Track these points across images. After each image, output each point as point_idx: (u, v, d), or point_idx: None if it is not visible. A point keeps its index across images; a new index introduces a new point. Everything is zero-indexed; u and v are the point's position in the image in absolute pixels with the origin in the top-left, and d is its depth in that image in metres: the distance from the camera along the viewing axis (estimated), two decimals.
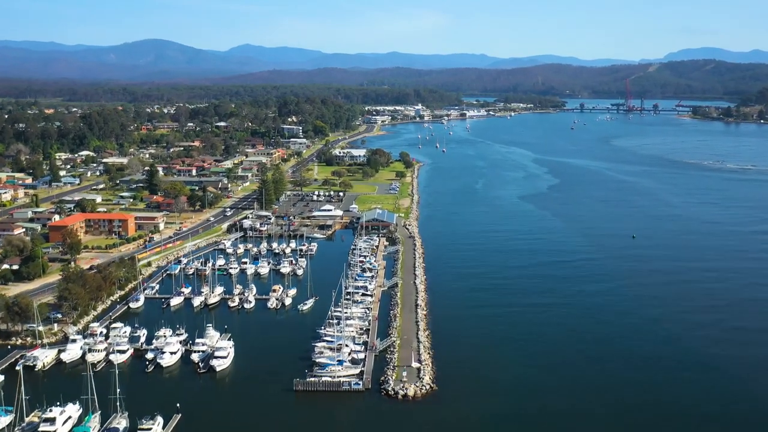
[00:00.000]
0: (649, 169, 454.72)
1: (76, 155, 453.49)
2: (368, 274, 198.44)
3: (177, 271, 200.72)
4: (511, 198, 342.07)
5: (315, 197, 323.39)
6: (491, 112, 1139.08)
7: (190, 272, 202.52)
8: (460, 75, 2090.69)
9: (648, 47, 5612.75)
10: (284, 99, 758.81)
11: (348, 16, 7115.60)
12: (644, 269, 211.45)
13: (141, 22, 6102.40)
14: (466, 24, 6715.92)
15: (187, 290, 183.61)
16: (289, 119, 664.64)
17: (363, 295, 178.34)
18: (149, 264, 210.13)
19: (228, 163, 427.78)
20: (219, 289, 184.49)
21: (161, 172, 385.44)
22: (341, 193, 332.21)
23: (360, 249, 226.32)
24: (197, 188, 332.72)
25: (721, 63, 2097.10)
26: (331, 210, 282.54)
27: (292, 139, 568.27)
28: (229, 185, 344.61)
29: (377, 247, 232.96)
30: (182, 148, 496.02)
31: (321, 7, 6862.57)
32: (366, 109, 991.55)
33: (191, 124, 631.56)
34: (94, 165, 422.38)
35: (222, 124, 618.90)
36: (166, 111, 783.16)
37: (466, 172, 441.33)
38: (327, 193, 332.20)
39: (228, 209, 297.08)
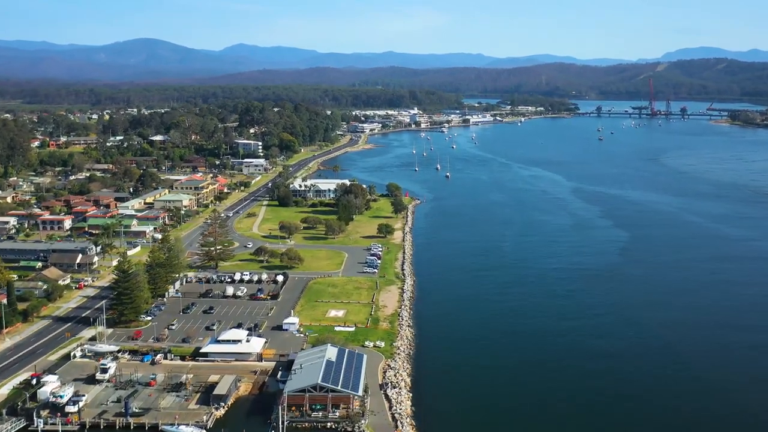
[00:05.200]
0: (743, 211, 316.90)
1: None
2: None
3: None
4: (567, 276, 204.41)
5: (233, 288, 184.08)
6: (498, 117, 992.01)
7: None
8: (458, 75, 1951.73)
9: (645, 46, 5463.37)
10: (246, 105, 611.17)
11: (344, 16, 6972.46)
12: None
13: (134, 21, 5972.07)
14: (462, 23, 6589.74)
15: None
16: (251, 130, 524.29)
17: None
18: None
19: (134, 204, 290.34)
20: None
21: (13, 223, 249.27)
22: (281, 276, 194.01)
23: None
24: (38, 267, 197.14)
25: (733, 62, 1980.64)
26: (240, 341, 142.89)
27: (246, 160, 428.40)
28: (96, 259, 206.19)
29: None
30: (89, 175, 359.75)
31: (317, 6, 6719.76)
32: (353, 114, 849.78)
33: (120, 138, 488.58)
34: None
35: (158, 138, 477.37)
36: (116, 117, 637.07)
37: (482, 214, 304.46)
38: (256, 277, 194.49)
39: (35, 335, 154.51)
